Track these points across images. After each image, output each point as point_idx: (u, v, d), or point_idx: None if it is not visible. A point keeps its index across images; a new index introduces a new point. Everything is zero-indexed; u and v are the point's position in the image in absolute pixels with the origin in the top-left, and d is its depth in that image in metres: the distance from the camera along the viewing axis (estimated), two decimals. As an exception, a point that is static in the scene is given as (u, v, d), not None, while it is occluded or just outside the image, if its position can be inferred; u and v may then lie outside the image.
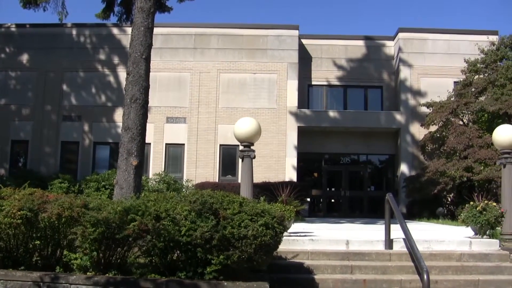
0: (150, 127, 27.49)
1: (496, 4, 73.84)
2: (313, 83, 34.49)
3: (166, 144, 31.42)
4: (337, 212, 33.14)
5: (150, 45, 14.39)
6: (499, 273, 10.63)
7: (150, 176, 29.40)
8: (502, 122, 22.27)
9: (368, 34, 35.31)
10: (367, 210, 32.97)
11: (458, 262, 10.95)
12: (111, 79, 32.08)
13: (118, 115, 28.61)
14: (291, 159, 31.21)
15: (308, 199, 29.97)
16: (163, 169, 30.25)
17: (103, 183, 26.22)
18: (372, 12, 75.85)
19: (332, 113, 32.53)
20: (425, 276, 8.92)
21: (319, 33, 37.69)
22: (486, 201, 12.14)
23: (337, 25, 73.52)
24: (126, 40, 28.04)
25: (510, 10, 73.82)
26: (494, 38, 31.64)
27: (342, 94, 34.89)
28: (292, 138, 31.40)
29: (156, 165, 30.84)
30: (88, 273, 8.63)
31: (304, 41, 34.09)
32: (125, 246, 8.77)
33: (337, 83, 34.55)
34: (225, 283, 8.05)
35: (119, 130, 14.27)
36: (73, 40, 32.59)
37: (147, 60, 14.20)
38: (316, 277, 9.90)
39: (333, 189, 34.31)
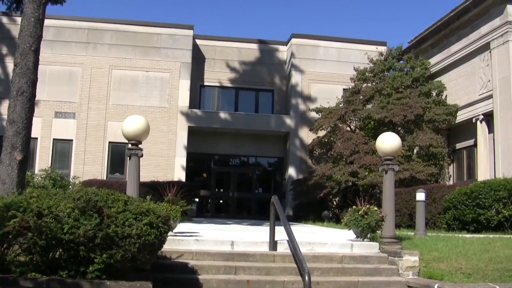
0: (37, 122, 26.93)
1: (387, 16, 76.21)
2: (205, 83, 34.56)
3: (53, 139, 30.70)
4: (225, 213, 33.29)
5: (40, 37, 14.02)
6: (377, 275, 10.94)
7: (36, 171, 28.58)
8: (387, 130, 23.00)
9: (262, 38, 35.67)
10: (254, 211, 33.28)
11: (339, 264, 11.17)
12: (-2, 69, 31.07)
13: (4, 108, 27.57)
14: (181, 159, 31.16)
15: (197, 200, 29.95)
16: (49, 165, 29.48)
17: (-15, 178, 25.25)
18: (267, 17, 76.67)
19: (223, 115, 32.71)
20: (306, 277, 9.07)
21: (214, 34, 37.83)
22: (368, 206, 12.43)
23: (232, 28, 73.88)
24: (16, 30, 27.18)
25: (398, 23, 76.36)
26: (382, 48, 32.70)
27: (234, 96, 35.12)
28: (182, 138, 31.37)
29: (42, 160, 30.05)
30: (-36, 272, 8.34)
31: (198, 42, 34.10)
32: (5, 243, 8.50)
33: (229, 85, 34.76)
34: (108, 283, 7.93)
35: (4, 123, 13.88)
36: (-43, 28, 31.33)
37: (36, 52, 13.83)
38: (200, 277, 9.90)
39: (221, 190, 34.49)
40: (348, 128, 29.81)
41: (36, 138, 29.57)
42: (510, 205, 18.69)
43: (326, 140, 30.29)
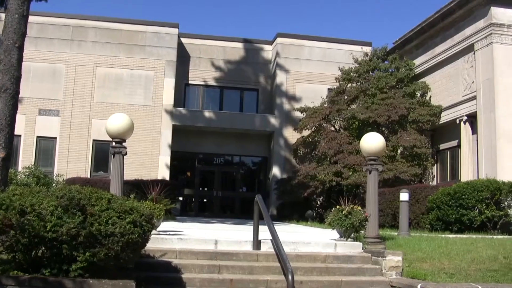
0: (21, 119, 26.71)
1: (372, 17, 76.42)
2: (190, 82, 34.50)
3: (37, 136, 30.52)
4: (209, 212, 33.26)
5: (24, 34, 13.90)
6: (361, 274, 10.97)
7: (19, 169, 28.42)
8: (372, 130, 23.02)
9: (247, 37, 35.66)
10: (238, 210, 33.26)
11: (323, 263, 11.20)
12: (-19, 66, 30.76)
13: (-13, 105, 27.47)
14: (165, 158, 31.09)
15: (181, 198, 30.00)
16: (33, 163, 29.29)
17: (-32, 176, 25.02)
18: (252, 16, 76.65)
19: (207, 113, 32.68)
20: (290, 277, 9.09)
21: (199, 32, 37.81)
22: (351, 205, 12.44)
23: (217, 26, 73.80)
24: (-1, 27, 27.14)
25: (383, 23, 76.58)
26: (367, 49, 32.80)
27: (218, 95, 35.10)
28: (167, 136, 31.30)
29: (26, 158, 29.87)
30: None
31: (183, 40, 34.04)
32: (-13, 241, 8.45)
33: (214, 83, 34.74)
34: (91, 281, 7.90)
35: (-13, 120, 13.76)
36: None
37: (20, 49, 13.71)
38: (183, 276, 9.88)
39: (205, 188, 34.46)
40: (333, 128, 29.86)
41: (20, 136, 29.39)
42: (493, 206, 18.85)
43: (310, 139, 30.33)
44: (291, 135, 32.38)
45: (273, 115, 33.27)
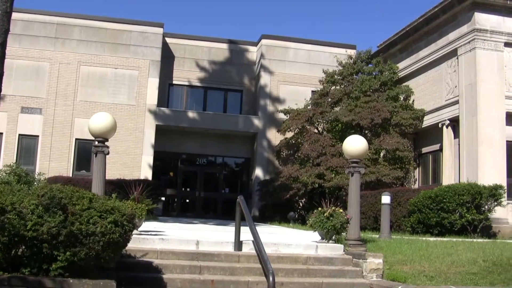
0: (3, 116, 26.61)
1: (356, 20, 76.64)
2: (174, 82, 34.46)
3: (19, 134, 30.30)
4: (191, 212, 33.22)
5: (7, 30, 13.81)
6: (341, 276, 11.01)
7: (1, 167, 28.23)
8: (355, 133, 23.07)
9: (232, 38, 35.66)
10: (221, 211, 33.26)
11: (304, 265, 11.22)
12: (-36, 63, 30.53)
13: (-31, 102, 27.31)
14: (148, 157, 31.02)
15: (163, 198, 29.93)
16: (15, 161, 29.08)
17: None
18: (238, 17, 76.62)
19: (191, 114, 32.63)
20: (271, 278, 9.11)
21: (184, 32, 37.76)
22: (333, 208, 12.48)
23: (202, 27, 73.71)
24: (-18, 24, 26.94)
25: (368, 27, 76.84)
26: (352, 52, 32.94)
27: (202, 96, 35.06)
28: (150, 136, 31.22)
29: (7, 156, 29.66)
30: None
31: (168, 40, 33.99)
32: (-34, 239, 8.38)
33: (198, 84, 34.70)
34: (71, 281, 7.86)
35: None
36: None
37: (3, 46, 13.62)
38: (164, 276, 9.87)
39: (188, 189, 34.42)
40: (316, 130, 29.90)
41: (1, 133, 29.27)
42: (473, 210, 18.99)
43: (293, 141, 30.34)
44: (274, 137, 32.40)
45: (257, 117, 33.28)
